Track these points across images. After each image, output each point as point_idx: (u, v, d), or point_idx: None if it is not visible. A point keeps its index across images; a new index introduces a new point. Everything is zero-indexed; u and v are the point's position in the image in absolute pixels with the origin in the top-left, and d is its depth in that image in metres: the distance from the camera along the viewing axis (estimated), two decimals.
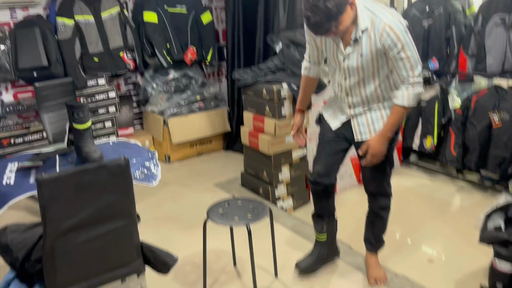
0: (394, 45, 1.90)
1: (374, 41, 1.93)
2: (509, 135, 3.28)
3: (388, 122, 2.08)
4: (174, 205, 3.47)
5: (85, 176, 1.60)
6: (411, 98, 1.99)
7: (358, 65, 2.02)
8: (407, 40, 1.91)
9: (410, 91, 1.97)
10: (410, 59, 1.92)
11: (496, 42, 3.28)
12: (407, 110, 2.03)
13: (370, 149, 2.10)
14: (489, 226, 2.34)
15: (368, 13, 1.92)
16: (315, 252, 2.55)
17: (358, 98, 2.15)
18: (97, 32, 3.88)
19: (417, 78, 1.96)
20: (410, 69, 1.94)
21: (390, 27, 1.88)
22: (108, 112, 4.05)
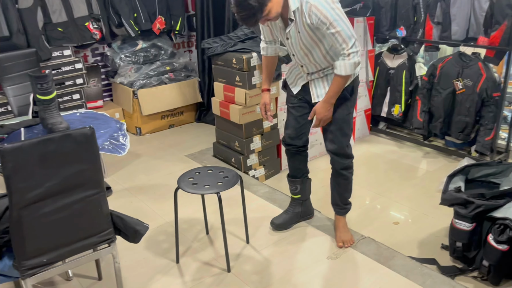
0: (322, 23, 2.02)
1: (305, 19, 2.06)
2: (471, 101, 3.39)
3: (329, 90, 2.21)
4: (146, 176, 3.47)
5: (50, 145, 1.58)
6: (347, 67, 2.10)
7: (298, 41, 2.17)
8: (335, 16, 2.00)
9: (346, 61, 2.08)
10: (341, 33, 2.03)
11: (461, 10, 3.34)
12: (345, 78, 2.15)
13: (316, 114, 2.26)
14: (450, 188, 2.45)
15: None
16: (290, 210, 2.72)
17: (312, 67, 2.29)
18: (60, 0, 3.74)
19: (351, 49, 2.06)
20: (343, 42, 2.05)
21: (315, 6, 2.00)
22: (76, 84, 3.95)
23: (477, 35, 3.33)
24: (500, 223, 2.15)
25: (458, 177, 2.56)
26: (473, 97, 3.38)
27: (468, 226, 2.29)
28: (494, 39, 3.20)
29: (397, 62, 3.93)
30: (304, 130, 2.49)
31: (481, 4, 3.23)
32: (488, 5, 3.20)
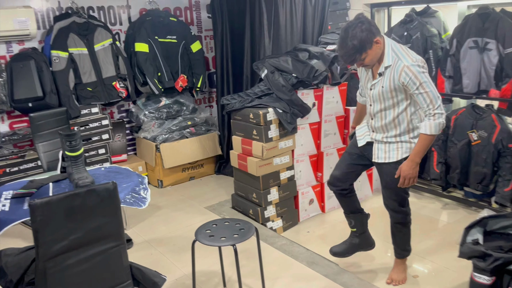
0: (413, 83, 2.26)
1: (393, 77, 2.32)
2: (487, 152, 3.41)
3: (415, 149, 2.39)
4: (166, 228, 3.55)
5: (75, 200, 1.69)
6: (433, 127, 2.29)
7: (380, 94, 2.41)
8: (425, 79, 2.26)
9: (432, 121, 2.29)
10: (429, 94, 2.26)
11: (471, 64, 3.44)
12: (430, 138, 2.33)
13: (401, 172, 2.42)
14: (467, 241, 2.43)
15: (393, 54, 2.33)
16: (348, 240, 2.89)
17: (379, 123, 2.50)
18: (91, 63, 4.03)
19: (437, 110, 2.27)
20: (430, 102, 2.27)
21: (408, 67, 2.26)
22: (102, 139, 4.15)
23: (489, 88, 3.40)
24: None
25: (476, 229, 2.53)
26: (489, 148, 3.40)
27: (488, 280, 2.25)
28: (506, 92, 3.26)
29: None
30: (351, 177, 2.71)
31: (491, 58, 3.33)
32: (498, 59, 3.29)
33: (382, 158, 2.52)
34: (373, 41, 2.27)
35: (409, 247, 2.74)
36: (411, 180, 2.41)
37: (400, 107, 2.40)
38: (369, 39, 2.25)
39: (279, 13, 3.94)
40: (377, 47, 2.30)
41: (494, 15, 3.27)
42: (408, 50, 2.37)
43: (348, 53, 2.27)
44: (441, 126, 2.30)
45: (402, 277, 2.73)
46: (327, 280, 2.73)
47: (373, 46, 2.28)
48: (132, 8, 4.47)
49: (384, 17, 4.39)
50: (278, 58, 3.53)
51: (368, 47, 2.26)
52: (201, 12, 4.90)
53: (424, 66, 2.29)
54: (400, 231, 2.67)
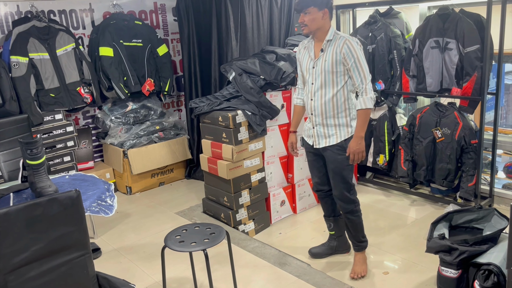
0: (351, 55, 2.46)
1: (335, 50, 2.49)
2: (451, 149, 3.51)
3: (357, 125, 2.55)
4: (135, 236, 3.47)
5: (36, 209, 1.62)
6: (367, 101, 2.49)
7: (322, 69, 2.54)
8: (361, 54, 2.48)
9: (365, 97, 2.49)
10: (363, 69, 2.48)
11: (433, 64, 3.54)
12: (366, 112, 2.51)
13: (349, 149, 2.56)
14: (434, 236, 2.48)
15: (335, 34, 2.54)
16: (327, 243, 3.05)
17: (318, 102, 2.60)
18: (53, 68, 3.91)
19: (368, 84, 2.49)
20: (364, 77, 2.48)
21: (349, 41, 2.47)
22: (67, 146, 4.03)
23: (451, 86, 3.50)
24: (485, 268, 2.17)
25: (442, 224, 2.60)
26: (452, 144, 3.49)
27: (454, 273, 2.31)
28: (467, 90, 3.37)
29: (378, 114, 4.08)
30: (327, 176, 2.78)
31: (451, 57, 3.43)
32: (458, 58, 3.39)
33: (323, 143, 2.64)
34: (323, 7, 2.47)
35: (364, 238, 2.83)
36: (359, 155, 2.55)
37: (339, 84, 2.53)
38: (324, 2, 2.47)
39: (246, 16, 3.94)
40: (320, 15, 2.48)
41: (454, 16, 3.37)
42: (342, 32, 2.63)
43: None
44: (373, 100, 2.50)
45: (363, 268, 2.81)
46: (300, 280, 2.73)
47: (319, 9, 2.47)
48: (95, 12, 4.36)
49: (349, 18, 4.46)
50: (246, 60, 3.53)
51: (317, 6, 2.46)
52: (167, 15, 4.85)
53: (361, 46, 2.51)
54: (351, 221, 2.76)
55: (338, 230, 2.99)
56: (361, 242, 2.82)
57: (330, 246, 3.04)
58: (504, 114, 6.21)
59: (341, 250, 3.05)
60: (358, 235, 2.80)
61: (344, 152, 2.59)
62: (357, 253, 2.85)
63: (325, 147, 2.65)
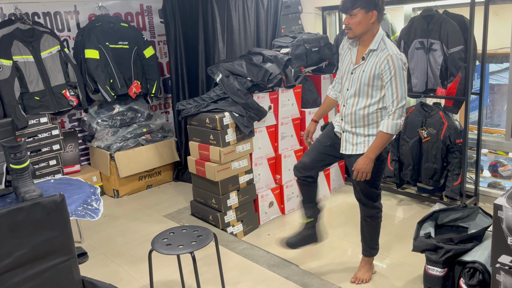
0: (389, 72, 2.27)
1: (376, 63, 2.31)
2: (437, 148, 3.55)
3: (372, 145, 2.41)
4: (123, 239, 3.44)
5: (19, 214, 1.60)
6: (390, 126, 2.33)
7: (359, 78, 2.39)
8: (401, 73, 2.27)
9: (390, 120, 2.33)
10: (398, 90, 2.28)
11: (418, 64, 3.58)
12: (387, 136, 2.36)
13: (356, 165, 2.43)
14: (420, 235, 2.51)
15: (381, 42, 2.33)
16: (303, 232, 2.82)
17: (349, 110, 2.47)
18: (37, 71, 3.86)
19: (399, 109, 2.30)
20: (396, 99, 2.30)
21: (391, 56, 2.27)
22: (52, 150, 3.98)
23: (436, 87, 3.54)
24: (470, 266, 2.20)
25: (428, 223, 2.63)
26: (438, 144, 3.53)
27: (440, 271, 2.33)
28: (451, 90, 3.41)
29: None
30: (319, 165, 2.68)
31: (436, 58, 3.47)
32: (442, 59, 3.44)
33: (350, 149, 2.52)
34: (371, 8, 2.25)
35: (377, 246, 2.76)
36: (364, 174, 2.42)
37: (373, 98, 2.38)
38: (375, 3, 2.25)
39: (232, 17, 3.94)
40: (368, 17, 2.27)
41: (438, 17, 3.41)
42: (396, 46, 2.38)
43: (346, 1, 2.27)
44: (398, 127, 2.34)
45: (367, 276, 2.74)
46: (288, 282, 2.74)
47: (369, 12, 2.26)
48: (80, 14, 4.33)
49: (335, 19, 4.49)
50: (233, 62, 3.53)
51: (363, 6, 2.24)
52: (153, 17, 4.82)
53: (406, 64, 2.31)
54: (370, 225, 2.68)
55: (315, 218, 2.83)
56: (373, 249, 2.75)
57: (305, 236, 2.81)
58: (488, 114, 6.31)
59: (314, 240, 2.84)
60: (373, 242, 2.73)
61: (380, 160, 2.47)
62: (364, 258, 2.77)
63: (350, 154, 2.53)
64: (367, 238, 2.72)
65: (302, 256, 3.07)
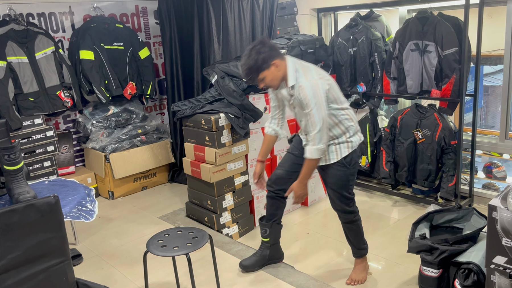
0: (303, 101, 2.35)
1: (297, 96, 2.40)
2: (432, 150, 3.56)
3: (302, 172, 2.51)
4: (118, 241, 3.43)
5: (13, 216, 1.59)
6: (313, 152, 2.40)
7: (298, 111, 2.50)
8: (313, 100, 2.31)
9: (312, 146, 2.39)
10: (312, 117, 2.33)
11: (413, 66, 3.59)
12: (313, 162, 2.45)
13: (294, 192, 2.57)
14: (415, 236, 2.51)
15: (296, 74, 2.40)
16: (259, 252, 2.90)
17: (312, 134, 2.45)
18: (32, 72, 3.84)
19: (316, 135, 2.35)
20: (312, 125, 2.35)
21: (301, 87, 2.35)
22: (47, 151, 3.96)
23: (430, 88, 3.55)
24: (465, 267, 2.21)
25: (423, 224, 2.64)
26: (432, 145, 3.54)
27: (435, 272, 2.34)
28: (446, 91, 3.43)
29: (360, 116, 4.12)
30: (294, 176, 2.64)
31: (431, 60, 3.48)
32: (437, 60, 3.45)
33: (323, 160, 2.54)
34: (270, 63, 2.34)
35: (364, 245, 2.77)
36: (300, 197, 2.58)
37: None
38: (266, 61, 2.33)
39: (228, 19, 3.94)
40: (276, 69, 2.37)
41: (432, 19, 3.42)
42: (310, 70, 2.41)
43: (246, 71, 2.38)
44: (321, 152, 2.40)
45: (362, 276, 2.75)
46: (283, 283, 2.73)
47: (270, 68, 2.35)
48: (75, 15, 4.31)
49: (330, 21, 4.50)
50: (228, 63, 3.52)
51: (265, 67, 2.35)
52: (149, 18, 4.82)
53: (318, 86, 2.32)
54: (350, 229, 2.71)
55: (273, 238, 2.87)
56: (361, 249, 2.76)
57: (262, 256, 2.88)
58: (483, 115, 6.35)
59: (274, 259, 2.92)
60: (359, 243, 2.75)
61: (345, 168, 2.52)
62: (357, 260, 2.79)
63: (325, 165, 2.56)
64: (353, 241, 2.75)
65: (297, 257, 3.07)
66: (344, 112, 2.50)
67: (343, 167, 2.52)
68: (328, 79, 2.45)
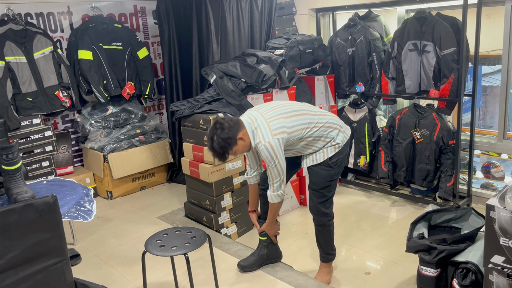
0: (264, 157, 2.45)
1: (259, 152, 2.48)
2: (430, 150, 3.56)
3: (268, 215, 2.72)
4: (116, 241, 3.42)
5: (11, 216, 1.59)
6: (273, 197, 2.57)
7: None
8: (268, 156, 2.42)
9: (272, 192, 2.55)
10: (271, 170, 2.47)
11: (411, 66, 3.59)
12: (275, 205, 2.62)
13: (267, 232, 2.82)
14: (414, 235, 2.52)
15: (253, 135, 2.46)
16: (257, 252, 2.91)
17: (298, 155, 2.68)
18: (30, 71, 3.84)
19: (275, 184, 2.51)
20: (271, 176, 2.50)
21: (259, 149, 2.44)
22: (45, 151, 3.96)
23: (429, 88, 3.56)
24: (463, 267, 2.21)
25: (421, 224, 2.64)
26: (431, 145, 3.55)
27: (434, 272, 2.34)
28: (444, 91, 3.43)
29: (358, 116, 4.12)
30: None
31: (429, 60, 3.49)
32: (435, 60, 3.45)
33: (310, 162, 2.61)
34: (236, 140, 2.41)
35: (333, 251, 2.79)
36: (273, 235, 2.84)
37: (300, 143, 2.53)
38: (230, 142, 2.39)
39: (226, 19, 3.94)
40: (242, 141, 2.43)
41: (431, 19, 3.43)
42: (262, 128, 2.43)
43: (217, 156, 2.45)
44: (281, 196, 2.55)
45: (326, 279, 2.77)
46: (282, 283, 2.73)
47: (238, 142, 2.42)
48: (73, 15, 4.31)
49: (329, 21, 4.50)
50: (227, 63, 3.52)
51: (233, 144, 2.41)
52: (147, 18, 4.81)
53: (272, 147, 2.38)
54: (322, 233, 2.72)
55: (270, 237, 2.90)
56: (329, 255, 2.78)
57: (260, 256, 2.89)
58: (481, 115, 6.36)
59: (272, 259, 2.93)
60: (327, 248, 2.76)
61: (330, 168, 2.57)
62: (322, 264, 2.81)
63: (312, 165, 2.61)
64: (322, 245, 2.76)
65: (296, 257, 3.08)
66: (320, 129, 2.53)
67: (328, 167, 2.57)
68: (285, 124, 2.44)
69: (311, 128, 2.52)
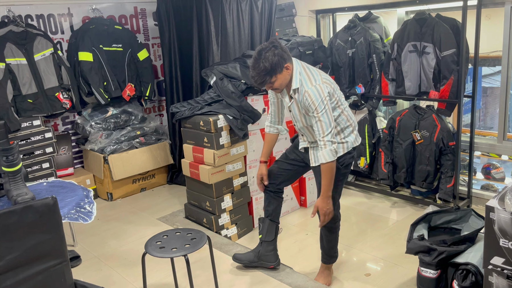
0: (309, 107, 2.33)
1: (300, 100, 2.39)
2: (430, 151, 3.56)
3: (322, 183, 2.42)
4: (116, 242, 3.43)
5: (11, 217, 1.59)
6: (326, 155, 2.34)
7: (296, 114, 2.50)
8: (321, 106, 2.30)
9: (324, 150, 2.34)
10: (321, 120, 2.31)
11: (411, 67, 3.59)
12: (330, 165, 2.36)
13: (319, 210, 2.45)
14: (414, 237, 2.52)
15: (300, 77, 2.38)
16: (256, 249, 2.87)
17: (310, 137, 2.54)
18: (30, 73, 3.84)
19: (326, 137, 2.33)
20: (321, 128, 2.33)
21: (307, 92, 2.32)
22: (45, 153, 3.96)
23: (429, 89, 3.56)
24: (463, 268, 2.21)
25: (421, 225, 2.64)
26: (431, 147, 3.55)
27: (434, 273, 2.34)
28: (444, 93, 3.43)
29: (359, 117, 4.13)
30: (285, 175, 2.75)
31: (429, 61, 3.49)
32: (435, 62, 3.46)
33: (318, 161, 2.49)
34: (283, 66, 2.31)
35: (335, 254, 2.77)
36: (328, 215, 2.47)
37: None
38: (280, 64, 2.29)
39: (226, 20, 3.95)
40: (287, 72, 2.35)
41: (430, 20, 3.43)
42: (313, 73, 2.38)
43: (259, 75, 2.30)
44: (333, 152, 2.34)
45: (326, 281, 2.76)
46: (282, 284, 2.73)
47: (283, 71, 2.32)
48: (74, 16, 4.31)
49: (329, 23, 4.51)
50: (227, 64, 3.53)
51: (279, 71, 2.30)
52: (148, 20, 4.82)
53: (324, 93, 2.30)
54: (327, 236, 2.69)
55: (264, 234, 2.84)
56: (331, 257, 2.76)
57: (255, 252, 2.86)
58: (481, 117, 6.36)
59: (265, 261, 2.85)
60: (331, 250, 2.74)
61: (339, 168, 2.47)
62: (323, 265, 2.79)
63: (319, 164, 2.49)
64: (326, 247, 2.73)
65: (296, 258, 3.08)
66: (343, 114, 2.50)
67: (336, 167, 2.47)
68: (331, 82, 2.45)
69: (339, 106, 2.46)
